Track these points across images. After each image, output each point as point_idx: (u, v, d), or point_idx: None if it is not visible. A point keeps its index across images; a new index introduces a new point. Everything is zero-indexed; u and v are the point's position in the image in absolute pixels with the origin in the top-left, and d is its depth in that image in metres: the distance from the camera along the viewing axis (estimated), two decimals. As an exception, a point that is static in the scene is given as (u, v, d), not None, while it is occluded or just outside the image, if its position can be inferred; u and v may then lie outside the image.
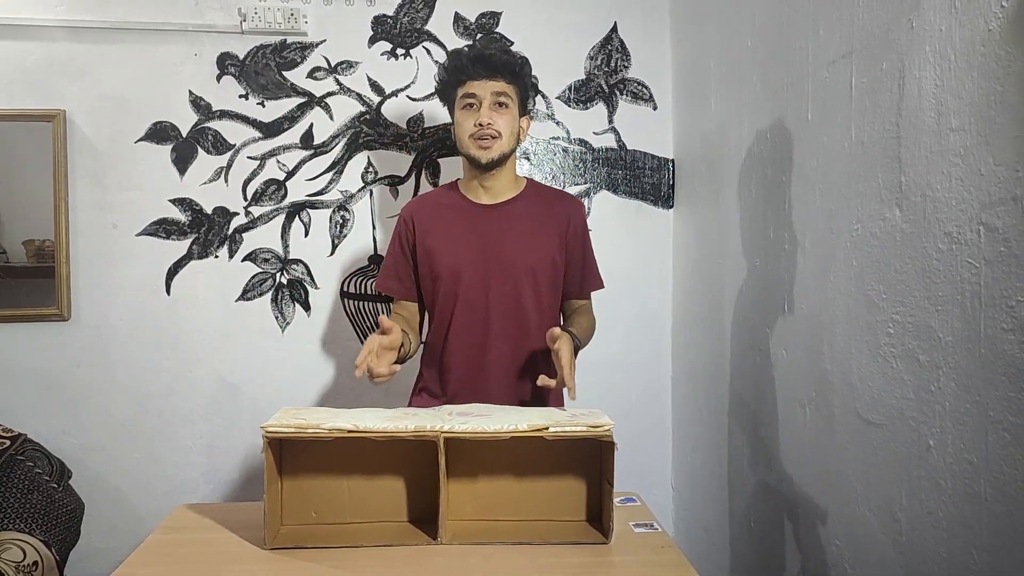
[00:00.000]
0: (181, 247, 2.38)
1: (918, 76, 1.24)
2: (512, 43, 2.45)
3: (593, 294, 1.96)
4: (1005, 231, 1.06)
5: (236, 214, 2.40)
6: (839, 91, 1.48)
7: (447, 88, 1.79)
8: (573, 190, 2.49)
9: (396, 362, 1.62)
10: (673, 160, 2.52)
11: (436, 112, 2.43)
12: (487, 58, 1.72)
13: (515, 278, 1.75)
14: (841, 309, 1.48)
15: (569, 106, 2.48)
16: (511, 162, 1.81)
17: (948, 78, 1.17)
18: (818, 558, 1.57)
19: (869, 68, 1.38)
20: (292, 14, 2.35)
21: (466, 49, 1.81)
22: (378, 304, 2.45)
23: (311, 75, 2.40)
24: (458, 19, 2.43)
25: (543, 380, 1.55)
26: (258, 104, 2.39)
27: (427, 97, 2.42)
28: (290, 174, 2.41)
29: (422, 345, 1.91)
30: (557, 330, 1.59)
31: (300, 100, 2.40)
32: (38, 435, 2.27)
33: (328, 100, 2.41)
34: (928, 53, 1.22)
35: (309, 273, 2.43)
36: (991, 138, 1.09)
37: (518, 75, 1.76)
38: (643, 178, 2.52)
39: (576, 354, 1.65)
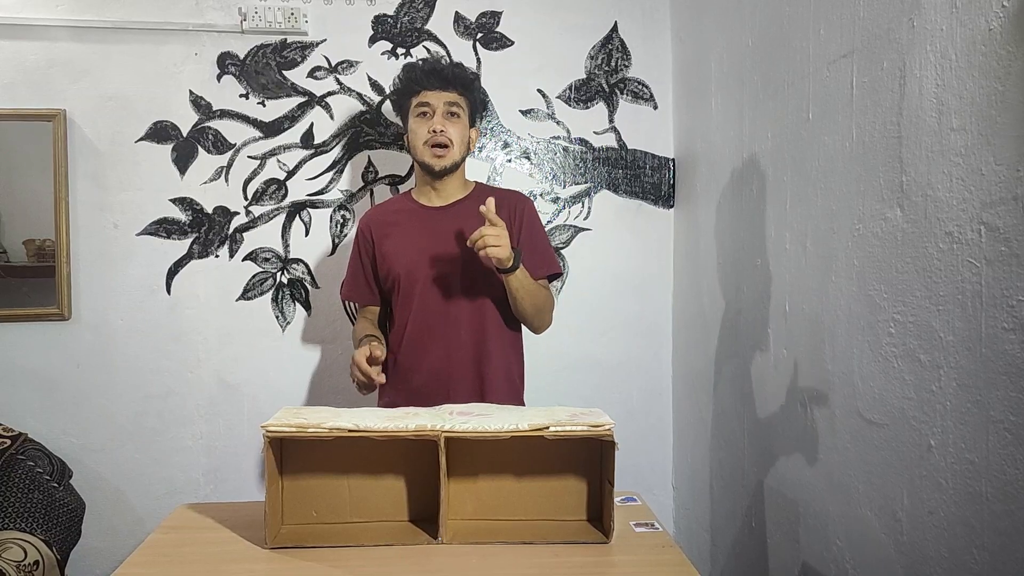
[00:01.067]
0: (181, 247, 2.38)
1: (919, 76, 1.24)
2: (512, 43, 2.45)
3: (595, 292, 1.97)
4: (1006, 231, 1.06)
5: (236, 213, 2.39)
6: (840, 90, 1.48)
7: (401, 98, 1.90)
8: (574, 190, 2.49)
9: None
10: (674, 159, 2.51)
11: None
12: (441, 70, 1.85)
13: (469, 273, 1.83)
14: (842, 309, 1.48)
15: (569, 106, 2.48)
16: (462, 168, 1.91)
17: (949, 77, 1.17)
18: (819, 557, 1.57)
19: (870, 67, 1.38)
20: (292, 13, 2.35)
21: (420, 63, 1.93)
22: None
23: (311, 74, 2.40)
24: (458, 18, 2.43)
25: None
26: (258, 103, 2.39)
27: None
28: (290, 173, 2.41)
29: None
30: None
31: (300, 99, 2.40)
32: (38, 435, 2.27)
33: (328, 99, 2.41)
34: (929, 53, 1.22)
35: (310, 272, 2.43)
36: (992, 138, 1.08)
37: (469, 87, 1.88)
38: (644, 178, 2.52)
39: (517, 261, 1.71)
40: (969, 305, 1.13)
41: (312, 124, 2.41)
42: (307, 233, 2.42)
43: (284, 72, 2.39)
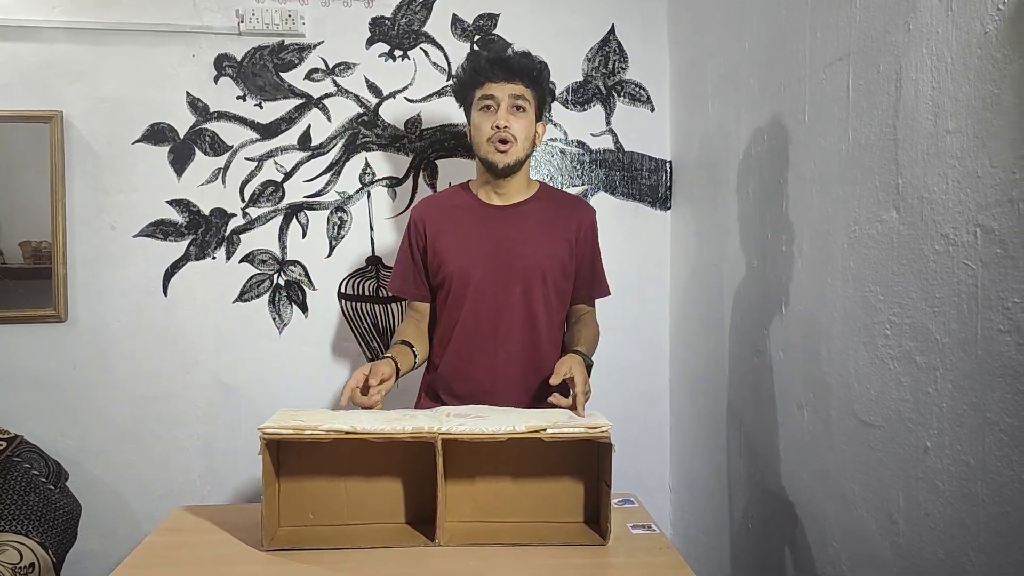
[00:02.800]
0: (178, 248, 2.38)
1: (915, 78, 1.25)
2: (510, 45, 2.45)
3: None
4: (1001, 233, 1.06)
5: (233, 215, 2.39)
6: (836, 93, 1.48)
7: (465, 89, 1.79)
8: (571, 191, 2.49)
9: (404, 373, 1.70)
10: (671, 162, 2.52)
11: (434, 114, 2.44)
12: (506, 61, 1.74)
13: (525, 280, 1.75)
14: (838, 310, 1.48)
15: (567, 108, 2.49)
16: (525, 167, 1.81)
17: (945, 80, 1.18)
18: (816, 559, 1.57)
19: (866, 70, 1.38)
20: (290, 15, 2.35)
21: (485, 51, 1.84)
22: (375, 306, 2.45)
23: (309, 76, 2.40)
24: (456, 21, 2.44)
25: (555, 398, 1.54)
26: (256, 105, 2.39)
27: (425, 99, 2.42)
28: (288, 175, 2.41)
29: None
30: (566, 358, 1.60)
31: (298, 101, 2.40)
32: (35, 437, 2.27)
33: (326, 101, 2.41)
34: (925, 55, 1.22)
35: (307, 274, 2.43)
36: (987, 140, 1.09)
37: (536, 79, 1.76)
38: (641, 179, 2.52)
39: (589, 372, 1.63)
40: (965, 307, 1.13)
41: (309, 126, 2.41)
42: (304, 235, 2.42)
43: (281, 74, 2.39)
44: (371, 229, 2.44)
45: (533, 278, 1.75)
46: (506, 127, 1.70)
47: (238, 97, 2.38)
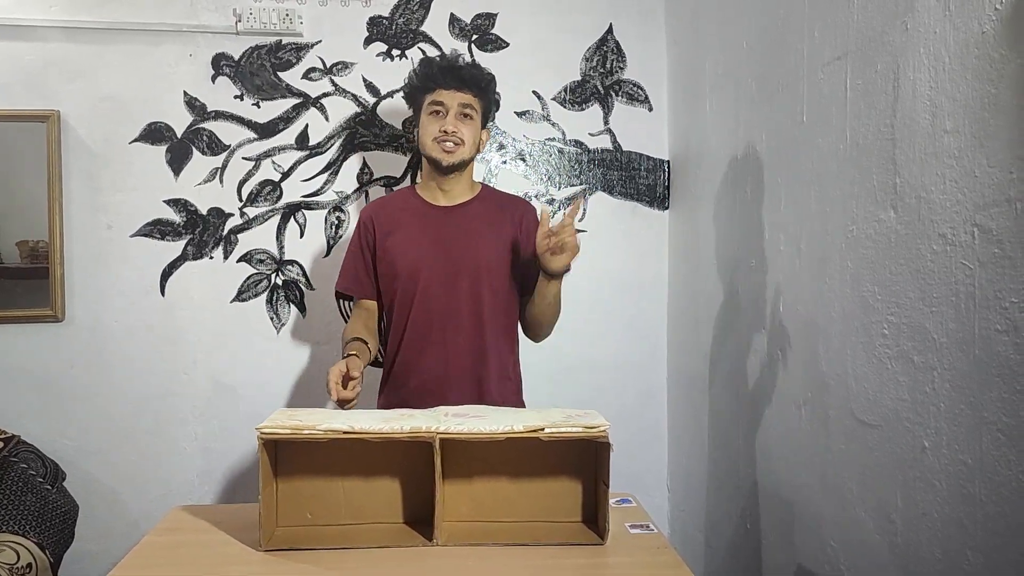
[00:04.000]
0: (176, 248, 2.38)
1: (912, 78, 1.25)
2: (508, 44, 2.45)
3: (590, 293, 1.99)
4: (999, 233, 1.06)
5: (231, 215, 2.39)
6: (834, 93, 1.48)
7: (416, 93, 1.88)
8: (569, 191, 2.49)
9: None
10: (669, 161, 2.52)
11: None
12: (458, 70, 1.83)
13: (472, 275, 1.83)
14: (836, 310, 1.48)
15: (565, 107, 2.48)
16: (470, 169, 1.90)
17: (942, 80, 1.18)
18: (814, 559, 1.57)
19: (864, 70, 1.38)
20: (287, 15, 2.35)
21: (438, 59, 1.93)
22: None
23: (306, 76, 2.40)
24: (453, 20, 2.43)
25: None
26: (253, 105, 2.38)
27: (423, 98, 2.42)
28: (285, 175, 2.40)
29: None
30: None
31: (295, 101, 2.40)
32: (32, 437, 2.26)
33: (323, 101, 2.41)
34: (922, 55, 1.22)
35: (304, 274, 2.42)
36: (985, 140, 1.09)
37: (484, 90, 1.86)
38: (639, 179, 2.52)
39: (558, 277, 1.73)
40: (963, 307, 1.14)
41: (307, 125, 2.40)
42: (302, 235, 2.41)
43: (279, 73, 2.39)
44: (369, 229, 2.43)
45: (479, 272, 1.83)
46: (454, 132, 1.79)
47: (235, 96, 2.38)
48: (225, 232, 2.39)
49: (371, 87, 2.42)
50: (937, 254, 1.19)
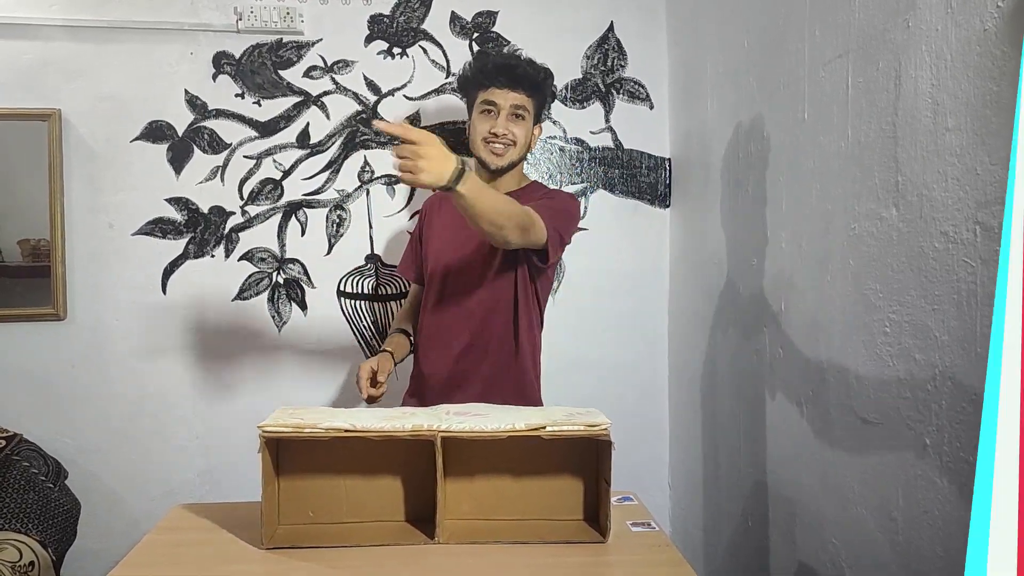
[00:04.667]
0: (177, 246, 2.38)
1: (914, 76, 1.24)
2: (508, 42, 2.45)
3: (591, 292, 2.00)
4: (1001, 230, 1.06)
5: (232, 213, 2.39)
6: (835, 91, 1.48)
7: (468, 87, 1.85)
8: (570, 189, 2.49)
9: (400, 360, 1.86)
10: (670, 159, 2.52)
11: (433, 111, 2.43)
12: (511, 69, 1.77)
13: (492, 267, 1.79)
14: (838, 308, 1.48)
15: (566, 105, 2.48)
16: (519, 167, 1.89)
17: (944, 78, 1.17)
18: (815, 557, 1.57)
19: (865, 68, 1.38)
20: (288, 13, 2.35)
21: (493, 55, 1.90)
22: (374, 304, 2.45)
23: (307, 74, 2.40)
24: (454, 18, 2.43)
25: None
26: (254, 103, 2.38)
27: (424, 96, 2.42)
28: (286, 173, 2.40)
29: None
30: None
31: (296, 99, 2.40)
32: (33, 435, 2.26)
33: (324, 99, 2.41)
34: (924, 53, 1.22)
35: (306, 272, 2.42)
36: (987, 137, 1.09)
37: (539, 89, 1.82)
38: (640, 177, 2.52)
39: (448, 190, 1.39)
40: (964, 304, 1.13)
41: (308, 124, 2.40)
42: (303, 233, 2.41)
43: (280, 72, 2.39)
44: (370, 227, 2.43)
45: (498, 266, 1.79)
46: (504, 133, 1.76)
47: (236, 95, 2.38)
48: (226, 230, 2.39)
49: (372, 85, 2.42)
50: (939, 252, 1.19)
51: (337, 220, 2.43)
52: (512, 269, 1.80)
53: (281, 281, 2.42)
